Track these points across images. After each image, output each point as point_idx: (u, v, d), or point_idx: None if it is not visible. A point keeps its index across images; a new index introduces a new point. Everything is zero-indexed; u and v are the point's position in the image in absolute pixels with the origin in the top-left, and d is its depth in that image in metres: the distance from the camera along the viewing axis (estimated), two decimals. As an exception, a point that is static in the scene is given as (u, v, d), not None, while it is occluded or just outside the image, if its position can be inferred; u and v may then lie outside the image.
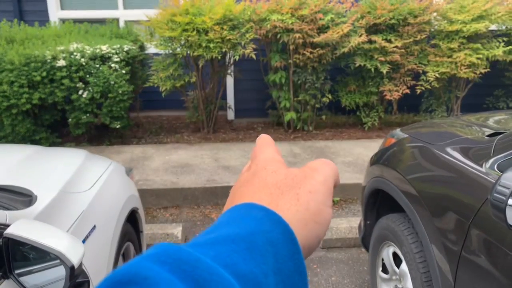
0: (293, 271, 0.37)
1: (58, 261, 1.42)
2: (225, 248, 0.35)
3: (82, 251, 1.44)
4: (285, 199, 0.42)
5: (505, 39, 5.93)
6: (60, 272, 1.44)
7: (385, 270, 2.60)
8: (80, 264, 1.41)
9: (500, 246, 1.57)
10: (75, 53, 5.06)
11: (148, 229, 3.57)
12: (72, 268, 1.37)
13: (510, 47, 5.77)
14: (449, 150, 2.13)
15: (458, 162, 1.99)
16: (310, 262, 3.39)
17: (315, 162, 0.47)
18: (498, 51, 5.70)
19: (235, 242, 0.35)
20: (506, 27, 6.05)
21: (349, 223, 3.69)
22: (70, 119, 5.36)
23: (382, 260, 2.61)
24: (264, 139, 0.52)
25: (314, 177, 0.45)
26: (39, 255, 1.52)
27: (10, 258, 1.43)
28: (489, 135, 2.16)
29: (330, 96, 6.06)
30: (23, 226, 1.43)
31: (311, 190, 0.44)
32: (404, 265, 2.30)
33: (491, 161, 1.82)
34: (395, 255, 2.49)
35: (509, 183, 1.43)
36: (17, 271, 1.46)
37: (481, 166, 1.84)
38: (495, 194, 1.48)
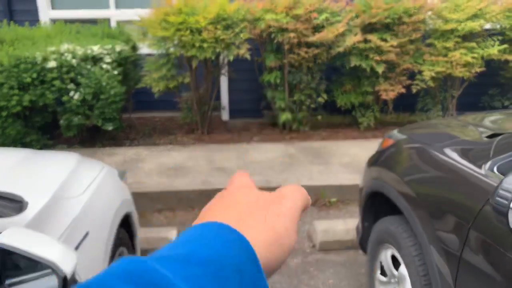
0: None
1: (50, 270, 1.38)
2: (196, 270, 0.35)
3: (75, 261, 1.40)
4: (253, 218, 0.44)
5: (500, 38, 5.93)
6: (52, 281, 1.41)
7: (383, 273, 2.58)
8: (73, 274, 1.37)
9: (501, 249, 1.55)
10: (66, 54, 4.99)
11: (142, 233, 3.51)
12: (64, 278, 1.34)
13: (505, 46, 5.77)
14: (447, 151, 2.11)
15: (457, 164, 1.97)
16: (307, 265, 3.36)
17: (286, 188, 0.50)
18: (493, 50, 5.71)
19: (205, 264, 0.36)
20: (501, 26, 6.05)
21: (346, 225, 3.66)
22: (61, 121, 5.29)
23: (381, 262, 2.59)
24: (242, 172, 0.55)
25: (282, 203, 0.47)
26: (30, 264, 1.48)
27: (0, 268, 1.40)
28: (488, 136, 2.13)
29: (325, 96, 6.04)
30: (13, 235, 1.39)
31: (279, 213, 0.45)
32: (403, 268, 2.28)
33: (490, 163, 1.80)
34: (393, 257, 2.47)
35: (511, 187, 1.41)
36: (7, 281, 1.42)
37: (480, 168, 1.82)
38: (497, 198, 1.46)
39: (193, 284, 0.34)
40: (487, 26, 5.94)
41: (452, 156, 2.06)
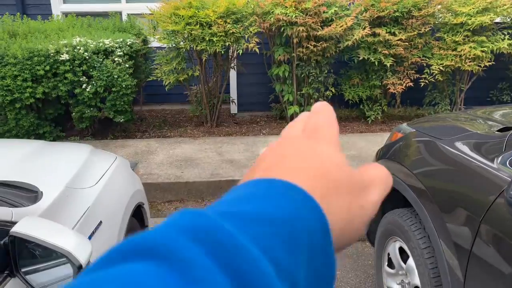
0: (323, 264, 0.33)
1: (65, 259, 1.40)
2: (265, 229, 0.31)
3: (89, 250, 1.42)
4: (338, 202, 0.37)
5: (510, 31, 5.87)
6: (67, 270, 1.43)
7: (391, 265, 2.59)
8: (88, 263, 1.40)
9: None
10: (78, 47, 5.03)
11: (153, 223, 3.56)
12: (80, 267, 1.36)
13: (515, 39, 5.73)
14: (458, 144, 2.10)
15: (468, 157, 1.96)
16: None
17: (376, 171, 0.42)
18: (503, 43, 5.66)
19: (276, 225, 0.31)
20: (511, 20, 5.99)
21: (354, 218, 3.66)
22: (74, 113, 5.34)
23: (388, 254, 2.59)
24: (324, 104, 0.45)
25: (371, 194, 0.40)
26: (45, 253, 1.51)
27: (17, 257, 1.42)
28: (499, 130, 2.13)
29: (333, 90, 6.03)
30: (29, 224, 1.42)
31: (363, 206, 0.39)
32: (411, 261, 2.28)
33: (503, 156, 1.79)
34: (401, 250, 2.47)
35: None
36: (23, 269, 1.45)
37: (492, 161, 1.82)
38: (512, 192, 1.46)
39: (263, 245, 0.29)
40: (497, 19, 5.89)
41: (463, 149, 2.05)
